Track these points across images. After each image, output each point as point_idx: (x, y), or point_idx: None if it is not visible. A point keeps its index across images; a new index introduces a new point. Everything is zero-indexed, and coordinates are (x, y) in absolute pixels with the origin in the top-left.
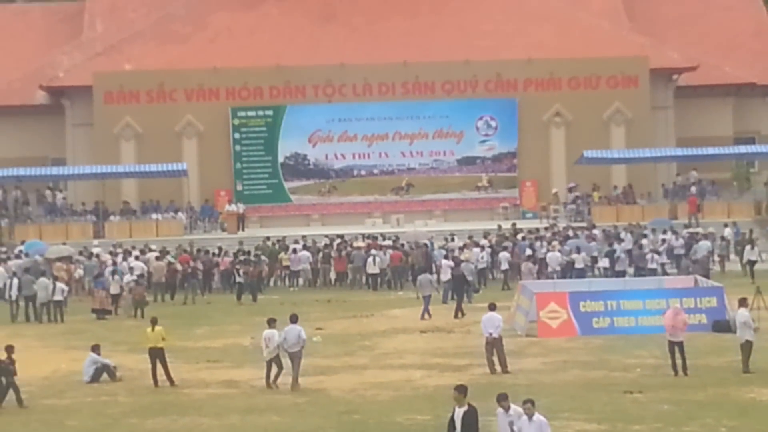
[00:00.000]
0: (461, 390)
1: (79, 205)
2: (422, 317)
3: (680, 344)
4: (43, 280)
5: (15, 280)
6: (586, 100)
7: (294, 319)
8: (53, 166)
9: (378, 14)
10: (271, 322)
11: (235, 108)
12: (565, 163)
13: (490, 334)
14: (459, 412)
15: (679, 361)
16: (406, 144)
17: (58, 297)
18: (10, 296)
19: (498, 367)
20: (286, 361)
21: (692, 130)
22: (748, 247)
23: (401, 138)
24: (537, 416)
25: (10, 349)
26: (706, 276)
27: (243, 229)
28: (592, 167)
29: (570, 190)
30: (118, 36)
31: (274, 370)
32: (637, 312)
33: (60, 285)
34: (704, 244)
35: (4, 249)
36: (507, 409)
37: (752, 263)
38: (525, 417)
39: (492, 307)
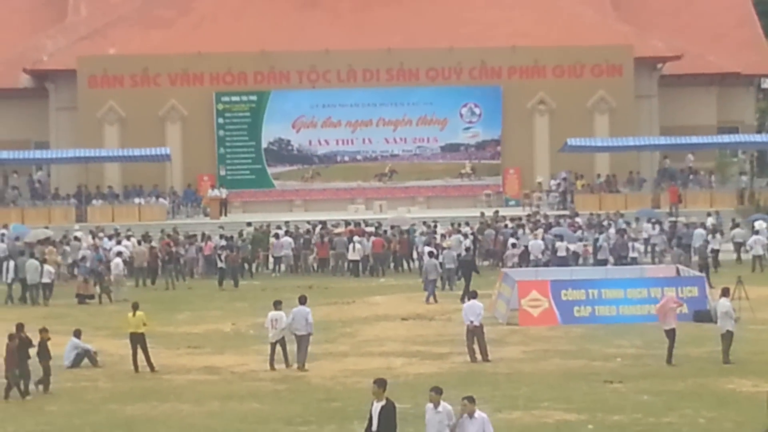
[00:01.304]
0: (380, 384)
1: (60, 189)
2: (427, 301)
3: (669, 332)
4: (32, 261)
5: (11, 263)
6: (570, 88)
7: (302, 301)
8: (36, 149)
9: (363, 1)
10: (277, 304)
11: (219, 93)
12: (549, 151)
13: (471, 322)
14: (377, 407)
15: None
16: (389, 130)
17: (45, 279)
18: (6, 279)
19: (479, 356)
20: (291, 347)
21: (676, 119)
22: (709, 236)
23: (385, 124)
24: (478, 413)
25: (44, 331)
26: (705, 265)
27: (225, 215)
28: (575, 155)
29: (559, 180)
30: (102, 20)
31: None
32: (618, 301)
33: (48, 267)
34: (699, 233)
35: None
36: (437, 404)
37: (716, 252)
38: (465, 415)
39: (473, 295)
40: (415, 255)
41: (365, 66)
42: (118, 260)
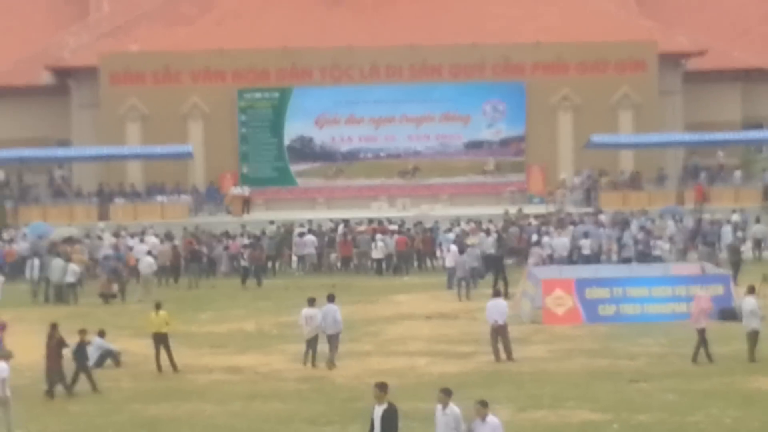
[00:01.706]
0: (382, 387)
1: (82, 187)
2: (460, 298)
3: (700, 331)
4: (57, 261)
5: (36, 261)
6: (594, 84)
7: (331, 299)
8: (58, 147)
9: None
10: (311, 302)
11: (241, 90)
12: (573, 148)
13: (496, 321)
14: (378, 411)
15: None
16: (412, 127)
17: (71, 279)
18: (32, 277)
19: (503, 355)
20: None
21: (700, 115)
22: (729, 232)
23: (408, 121)
24: (490, 417)
25: (83, 332)
26: (737, 262)
27: (248, 212)
28: (599, 152)
29: (586, 177)
30: (124, 17)
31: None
32: (643, 299)
33: (72, 266)
34: (728, 230)
35: (9, 231)
36: (445, 405)
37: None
38: (478, 419)
39: (497, 294)
40: (438, 253)
41: (388, 62)
42: (149, 259)
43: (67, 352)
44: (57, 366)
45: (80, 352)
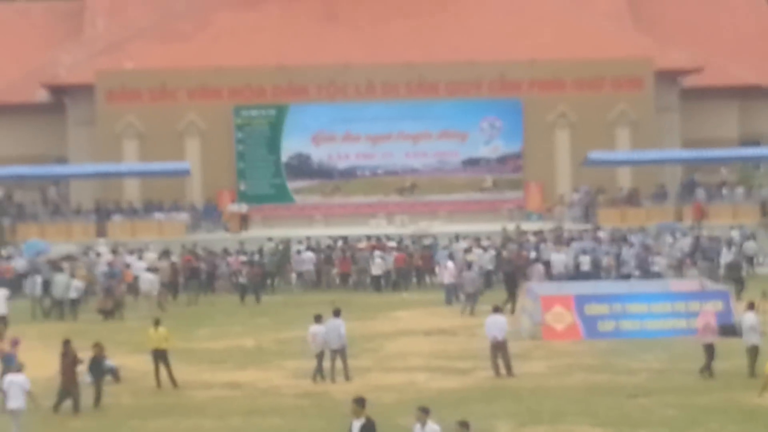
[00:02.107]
0: (359, 402)
1: (80, 204)
2: (463, 313)
3: (709, 346)
4: (61, 277)
5: (38, 277)
6: (591, 101)
7: (337, 314)
8: (55, 164)
9: (382, 14)
10: (318, 318)
11: (238, 107)
12: (570, 165)
13: (495, 337)
14: (356, 425)
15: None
16: (410, 144)
17: (73, 295)
18: (33, 293)
19: (503, 371)
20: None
21: (698, 132)
22: (724, 249)
23: (405, 138)
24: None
25: (98, 346)
26: (739, 279)
27: (246, 230)
28: (597, 169)
29: (584, 193)
30: (120, 34)
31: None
32: (642, 315)
33: (76, 282)
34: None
35: (5, 249)
36: (423, 423)
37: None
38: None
39: (496, 310)
40: (437, 270)
41: (385, 80)
42: (150, 276)
43: (81, 369)
44: (72, 382)
45: (96, 366)
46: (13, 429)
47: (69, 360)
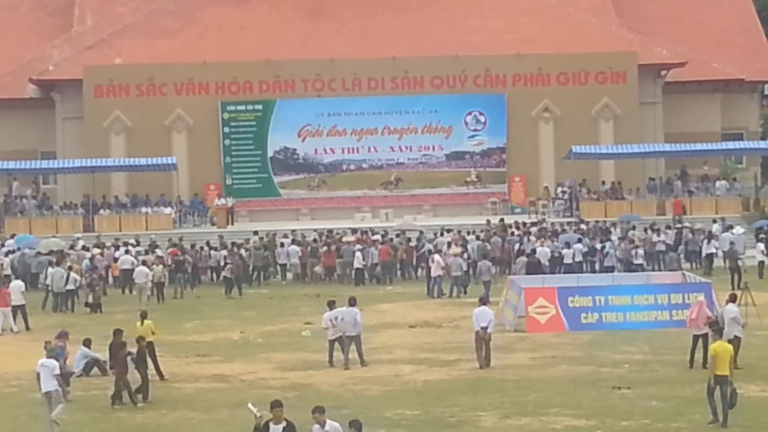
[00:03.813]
0: (278, 405)
1: (67, 198)
2: (450, 295)
3: (703, 336)
4: (58, 270)
5: (50, 270)
6: (575, 95)
7: (352, 302)
8: (43, 159)
9: (367, 9)
10: (331, 304)
11: (224, 102)
12: (554, 158)
13: (484, 328)
14: (277, 428)
15: (698, 355)
16: (395, 139)
17: (70, 287)
18: (46, 286)
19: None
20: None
21: (680, 125)
22: (705, 241)
23: (390, 133)
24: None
25: (141, 339)
26: (736, 267)
27: (232, 223)
28: (580, 162)
29: (566, 188)
30: (108, 30)
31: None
32: (625, 308)
33: (74, 275)
34: (726, 236)
35: None
36: (323, 424)
37: (710, 256)
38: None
39: (483, 301)
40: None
41: (370, 74)
42: (144, 269)
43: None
44: (125, 374)
45: (140, 358)
46: (48, 411)
47: (124, 353)
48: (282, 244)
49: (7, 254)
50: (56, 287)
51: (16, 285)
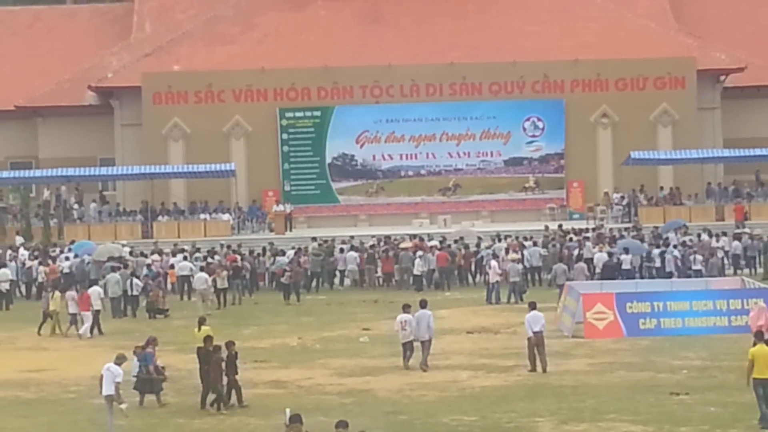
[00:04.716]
0: (297, 420)
1: (126, 205)
2: (509, 301)
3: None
4: (113, 275)
5: (112, 276)
6: (633, 100)
7: (424, 305)
8: (102, 166)
9: (425, 15)
10: (406, 308)
11: (282, 109)
12: (612, 164)
13: (536, 332)
14: None
15: None
16: (453, 145)
17: (135, 292)
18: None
19: (539, 367)
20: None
21: (739, 131)
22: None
23: (448, 139)
24: None
25: (230, 344)
26: None
27: (290, 230)
28: (638, 168)
29: (624, 195)
30: (166, 37)
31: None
32: (683, 313)
33: (136, 280)
34: None
35: (56, 249)
36: None
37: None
38: None
39: (533, 306)
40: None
41: (428, 80)
42: (203, 275)
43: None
44: (221, 379)
45: (231, 363)
46: (109, 415)
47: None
48: (341, 250)
49: (66, 259)
50: (112, 292)
51: (95, 291)
